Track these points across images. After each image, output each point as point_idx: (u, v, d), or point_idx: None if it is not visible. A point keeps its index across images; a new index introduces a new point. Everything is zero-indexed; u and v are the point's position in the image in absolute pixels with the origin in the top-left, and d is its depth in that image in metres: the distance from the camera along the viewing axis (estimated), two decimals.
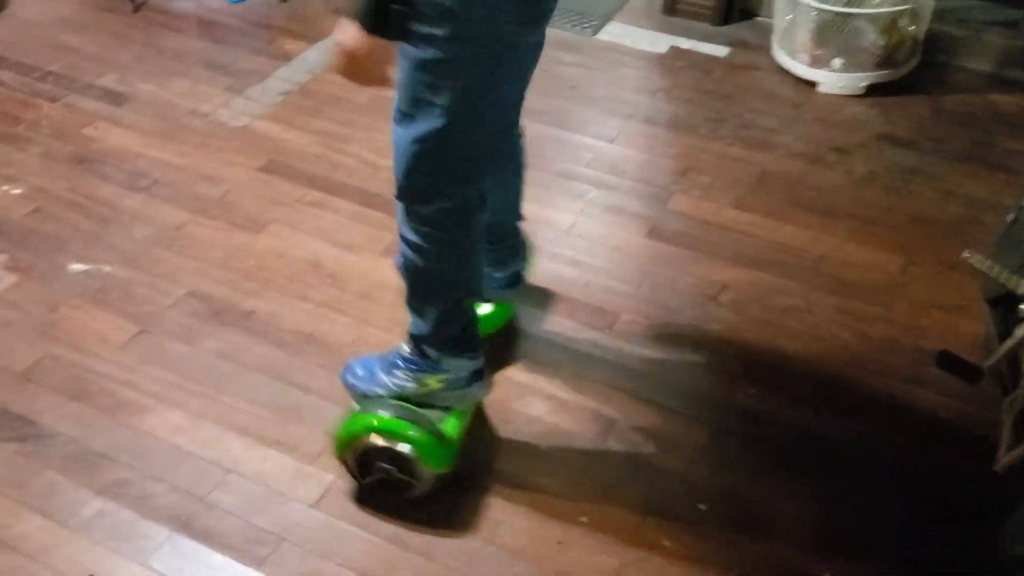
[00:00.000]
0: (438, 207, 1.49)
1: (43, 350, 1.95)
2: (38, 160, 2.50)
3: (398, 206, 1.52)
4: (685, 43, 3.18)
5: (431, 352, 1.63)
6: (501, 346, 2.01)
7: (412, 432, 1.61)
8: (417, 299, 1.62)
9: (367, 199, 2.41)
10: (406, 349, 1.66)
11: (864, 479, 1.79)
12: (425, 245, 1.52)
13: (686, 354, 2.03)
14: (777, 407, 1.93)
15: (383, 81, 1.37)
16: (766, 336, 2.08)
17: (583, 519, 1.69)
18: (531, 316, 2.10)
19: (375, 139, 2.63)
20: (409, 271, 1.59)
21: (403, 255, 1.57)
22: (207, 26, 3.16)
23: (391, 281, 2.15)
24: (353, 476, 1.69)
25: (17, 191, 2.38)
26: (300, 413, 1.85)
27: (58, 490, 1.68)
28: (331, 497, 1.70)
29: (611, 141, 2.69)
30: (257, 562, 1.59)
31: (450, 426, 1.68)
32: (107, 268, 2.15)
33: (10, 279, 2.12)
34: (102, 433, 1.78)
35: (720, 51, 3.15)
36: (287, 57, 2.99)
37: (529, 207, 2.40)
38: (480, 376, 1.71)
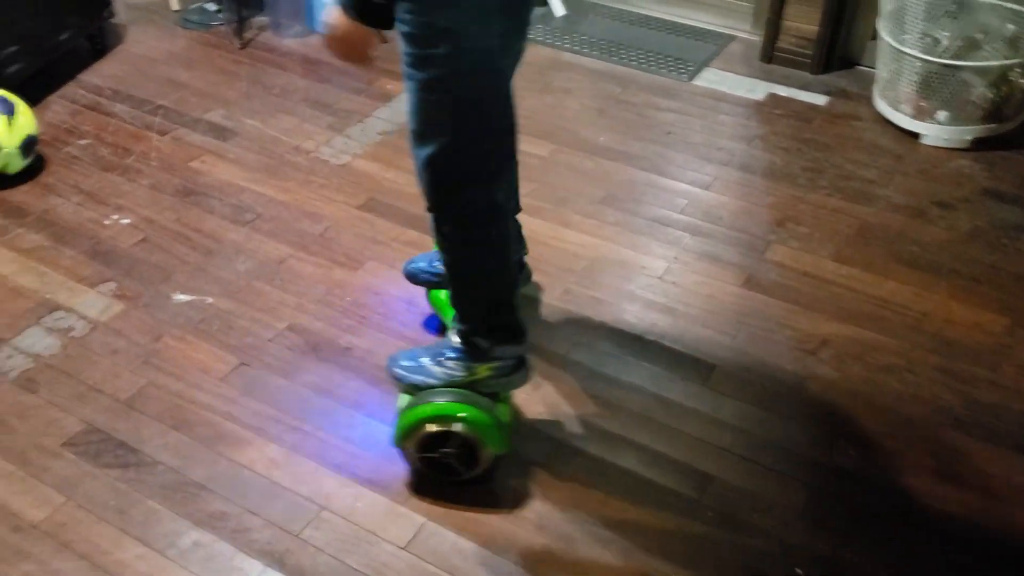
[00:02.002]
0: (468, 212, 1.59)
1: (146, 378, 2.00)
2: (147, 191, 2.58)
3: (431, 218, 1.62)
4: (783, 91, 3.15)
5: (482, 343, 1.70)
6: (593, 394, 2.00)
7: (473, 414, 1.69)
8: (463, 298, 1.71)
9: None
10: (456, 340, 1.73)
11: (970, 554, 1.72)
12: (462, 248, 1.64)
13: (783, 410, 1.99)
14: (877, 470, 1.87)
15: (364, 60, 1.47)
16: (866, 395, 2.03)
17: None
18: (624, 365, 2.08)
19: None
20: (453, 273, 1.68)
21: (443, 261, 1.68)
22: (311, 65, 3.25)
23: None
24: (413, 464, 1.77)
25: (126, 221, 2.47)
26: (393, 452, 1.85)
27: (157, 519, 1.72)
28: (422, 539, 1.70)
29: (707, 188, 2.67)
30: None
31: (501, 411, 1.76)
32: (210, 300, 2.21)
33: (117, 307, 2.19)
34: (201, 464, 1.82)
35: (819, 100, 3.11)
36: (387, 97, 3.05)
37: (622, 252, 2.41)
38: (525, 363, 1.77)
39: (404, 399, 1.77)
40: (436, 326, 2.13)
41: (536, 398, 1.99)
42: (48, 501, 1.74)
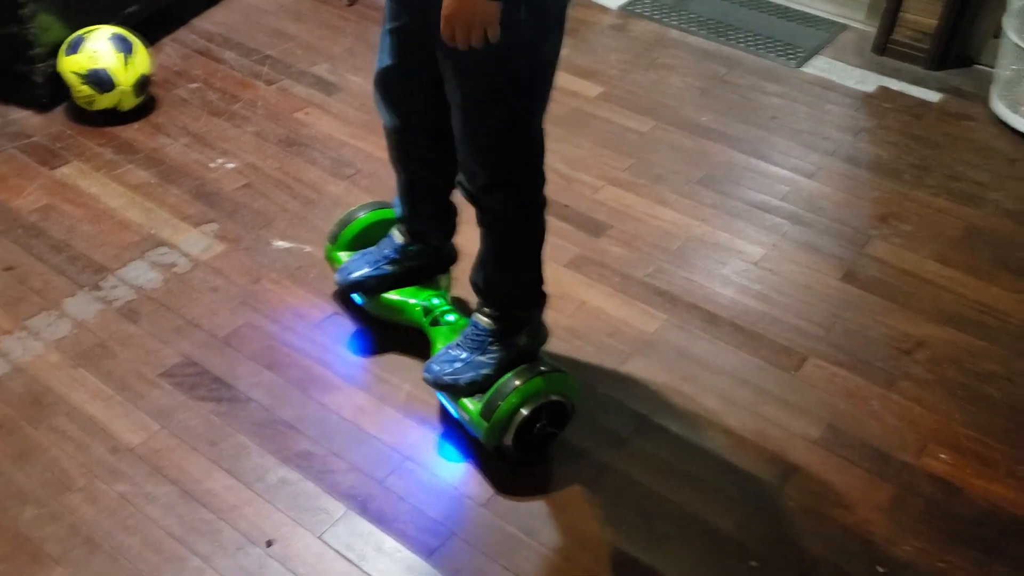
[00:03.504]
0: (533, 185, 1.65)
1: (243, 318, 2.05)
2: (252, 138, 2.63)
3: (480, 201, 1.66)
4: (895, 84, 3.06)
5: (520, 313, 1.75)
6: (681, 374, 1.99)
7: (553, 379, 1.73)
8: (512, 272, 1.75)
9: (556, 210, 2.42)
10: (489, 323, 1.74)
11: None
12: (523, 222, 1.68)
13: (874, 407, 1.95)
14: (969, 477, 1.82)
15: (480, 39, 1.42)
16: (962, 400, 1.98)
17: (753, 563, 1.64)
18: (714, 348, 2.06)
19: (568, 151, 2.65)
20: (504, 250, 1.72)
21: (494, 243, 1.71)
22: None
23: (571, 293, 2.17)
24: (507, 457, 1.74)
25: (231, 165, 2.52)
26: None
27: (247, 453, 1.76)
28: (500, 499, 1.71)
29: (810, 176, 2.62)
30: (426, 552, 1.62)
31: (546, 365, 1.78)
32: (308, 248, 2.25)
33: (218, 247, 2.24)
34: (291, 405, 1.86)
35: (932, 96, 3.02)
36: None
37: (718, 235, 2.38)
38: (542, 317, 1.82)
39: (470, 403, 1.73)
40: (365, 344, 2.02)
41: (623, 372, 1.98)
42: (144, 427, 1.79)
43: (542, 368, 1.73)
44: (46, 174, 2.42)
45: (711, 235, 2.38)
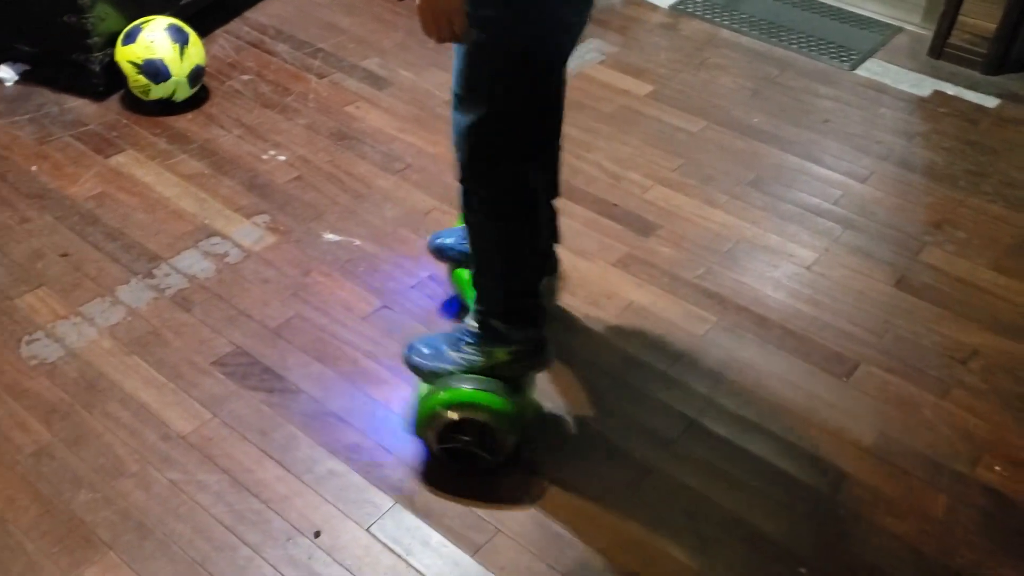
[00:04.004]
0: (500, 187, 1.57)
1: (294, 310, 2.06)
2: (303, 131, 2.65)
3: (461, 190, 1.59)
4: (951, 89, 3.01)
5: (499, 326, 1.66)
6: (730, 377, 1.97)
7: (489, 400, 1.64)
8: (485, 276, 1.67)
9: (604, 208, 2.42)
10: (473, 325, 1.69)
11: None
12: (489, 225, 1.60)
13: (926, 416, 1.92)
14: (1023, 490, 1.79)
15: (452, 37, 1.40)
16: (1017, 411, 1.94)
17: (802, 570, 1.63)
18: (764, 352, 2.04)
19: (617, 149, 2.64)
20: (477, 249, 1.65)
21: (470, 237, 1.64)
22: None
23: (619, 292, 2.16)
24: (432, 452, 1.73)
25: (282, 157, 2.54)
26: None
27: (296, 444, 1.77)
28: (548, 499, 1.71)
29: (863, 181, 2.58)
30: (472, 548, 1.62)
31: (521, 396, 1.72)
32: (357, 242, 2.26)
33: (270, 239, 2.26)
34: (341, 397, 1.87)
35: (989, 101, 2.96)
36: None
37: (769, 237, 2.36)
38: (544, 347, 1.72)
39: (424, 388, 1.72)
40: (455, 309, 2.08)
41: (672, 374, 1.97)
42: (196, 415, 1.81)
43: (494, 388, 1.65)
44: (101, 162, 2.46)
45: (762, 238, 2.36)
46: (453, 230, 2.01)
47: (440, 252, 2.01)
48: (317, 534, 1.62)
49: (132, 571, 1.55)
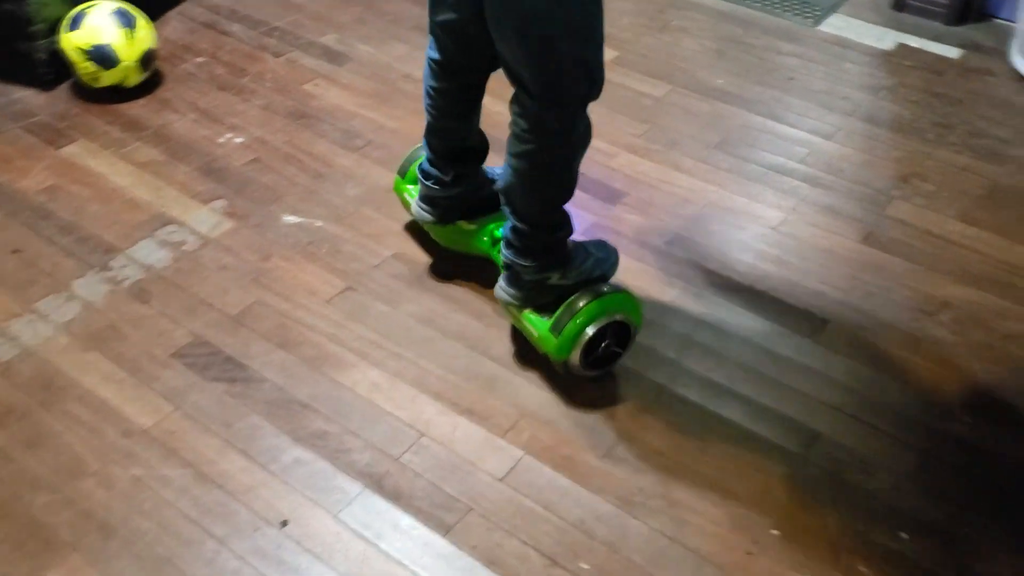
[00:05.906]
0: (587, 120, 1.69)
1: (254, 296, 2.02)
2: (260, 112, 2.60)
3: (533, 118, 1.64)
4: (914, 41, 2.99)
5: (545, 236, 1.79)
6: (699, 342, 1.95)
7: (617, 300, 1.80)
8: (556, 199, 1.77)
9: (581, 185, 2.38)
10: (556, 255, 1.81)
11: None
12: (576, 139, 1.70)
13: (897, 372, 1.91)
14: (995, 441, 1.78)
15: None
16: (987, 363, 1.93)
17: (775, 532, 1.62)
18: (732, 315, 2.02)
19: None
20: (541, 172, 1.72)
21: (551, 161, 1.71)
22: None
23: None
24: (576, 372, 1.81)
25: (239, 140, 2.48)
26: (493, 385, 1.84)
27: (261, 434, 1.74)
28: (519, 473, 1.69)
29: (828, 138, 2.56)
30: (443, 529, 1.60)
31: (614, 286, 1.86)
32: (319, 223, 2.22)
33: (228, 224, 2.21)
34: (305, 383, 1.83)
35: (952, 52, 2.94)
36: None
37: (736, 199, 2.34)
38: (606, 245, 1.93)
39: (542, 321, 1.80)
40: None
41: (639, 341, 1.95)
42: (157, 409, 1.78)
43: (610, 289, 1.81)
44: (52, 154, 2.40)
45: (728, 200, 2.34)
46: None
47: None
48: (284, 523, 1.59)
49: (96, 572, 1.52)
